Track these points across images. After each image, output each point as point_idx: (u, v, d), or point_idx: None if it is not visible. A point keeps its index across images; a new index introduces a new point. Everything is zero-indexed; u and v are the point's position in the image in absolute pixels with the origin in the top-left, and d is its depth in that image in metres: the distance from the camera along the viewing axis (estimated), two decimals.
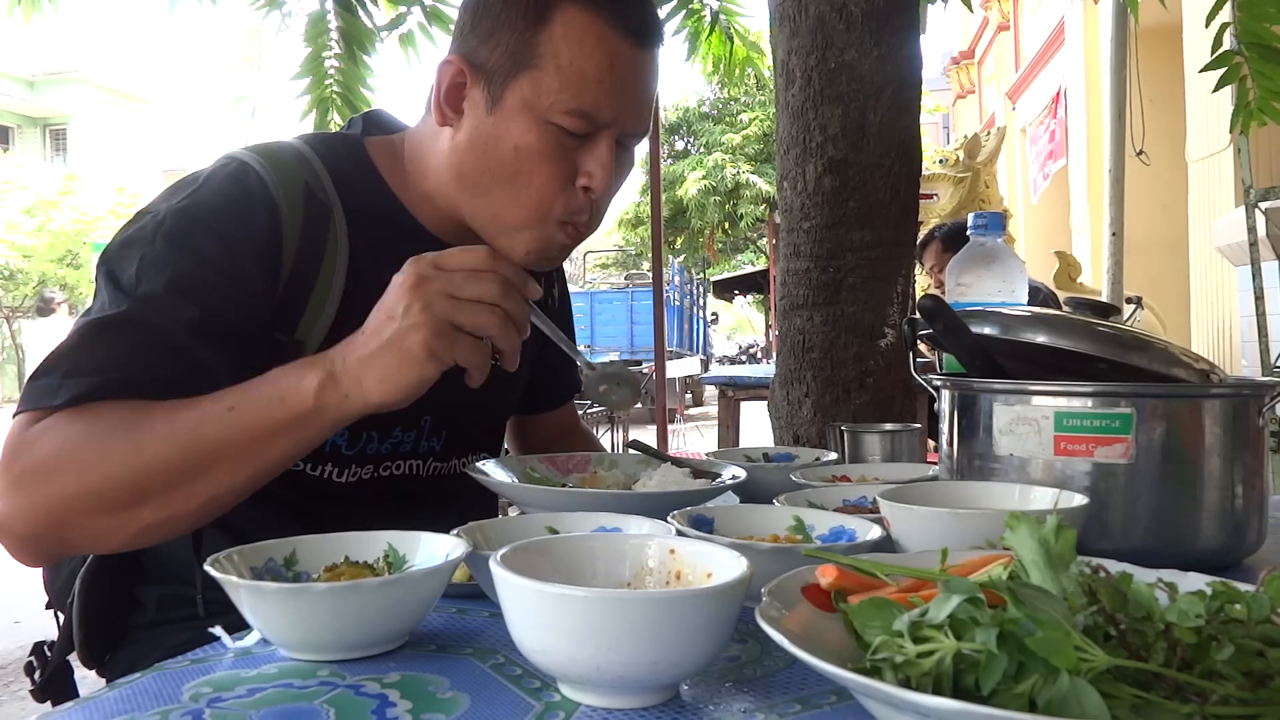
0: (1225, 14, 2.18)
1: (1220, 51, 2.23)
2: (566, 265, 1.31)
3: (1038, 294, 3.29)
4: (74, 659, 1.07)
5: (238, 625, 0.68)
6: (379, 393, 0.80)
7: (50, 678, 1.05)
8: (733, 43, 3.35)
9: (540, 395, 1.36)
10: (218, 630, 0.68)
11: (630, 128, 0.99)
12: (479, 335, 0.81)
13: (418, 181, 1.06)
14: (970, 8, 2.89)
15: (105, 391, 0.84)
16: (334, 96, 2.84)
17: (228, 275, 0.92)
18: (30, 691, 1.06)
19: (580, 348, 1.01)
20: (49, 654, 1.06)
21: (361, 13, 2.80)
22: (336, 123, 2.87)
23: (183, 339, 0.88)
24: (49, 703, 1.05)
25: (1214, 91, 2.35)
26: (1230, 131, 2.45)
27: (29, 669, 1.06)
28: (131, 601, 1.06)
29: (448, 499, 1.15)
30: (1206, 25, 2.20)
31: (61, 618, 1.07)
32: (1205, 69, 2.28)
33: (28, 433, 0.83)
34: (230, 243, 0.93)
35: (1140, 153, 4.41)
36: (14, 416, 0.85)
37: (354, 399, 0.81)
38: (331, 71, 2.81)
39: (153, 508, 0.82)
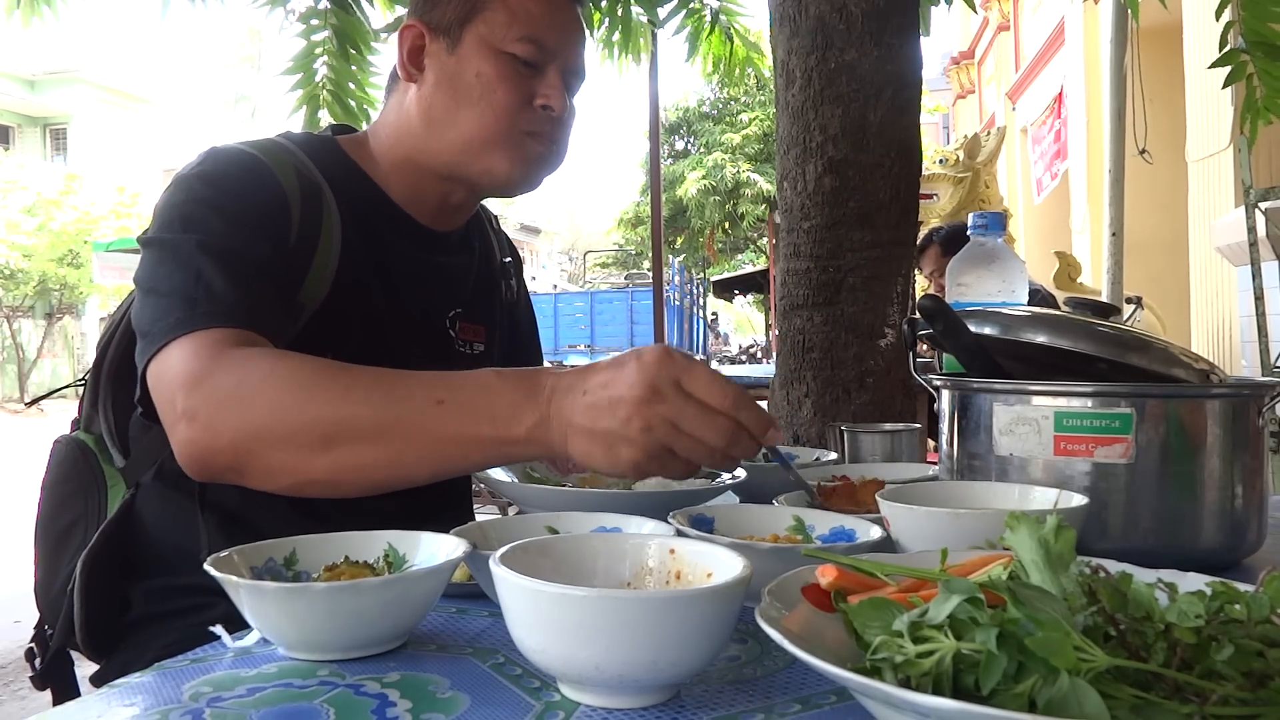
0: (1229, 13, 2.18)
1: (1226, 49, 2.23)
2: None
3: (1035, 295, 3.29)
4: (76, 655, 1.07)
5: (231, 614, 0.68)
6: (582, 460, 0.80)
7: (50, 666, 1.06)
8: (733, 42, 3.35)
9: None
10: (218, 629, 0.68)
11: (571, 63, 1.12)
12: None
13: (388, 153, 1.14)
14: (974, 8, 2.89)
15: (245, 314, 0.89)
16: (325, 95, 2.83)
17: (261, 228, 0.98)
18: (30, 678, 1.07)
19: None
20: (50, 643, 1.07)
21: (358, 12, 2.79)
22: (327, 121, 2.86)
23: (263, 263, 0.95)
24: (48, 690, 1.06)
25: (1223, 88, 2.35)
26: (1240, 130, 2.45)
27: (29, 655, 1.07)
28: (123, 602, 1.07)
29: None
30: (1217, 19, 2.20)
31: (51, 632, 1.08)
32: (1213, 66, 2.28)
33: (200, 358, 0.85)
34: (256, 203, 0.99)
35: (1143, 151, 4.41)
36: (163, 348, 0.87)
37: (558, 452, 0.81)
38: (323, 69, 2.80)
39: (331, 459, 0.82)
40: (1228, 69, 2.33)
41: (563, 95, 1.10)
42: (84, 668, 1.08)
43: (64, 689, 1.08)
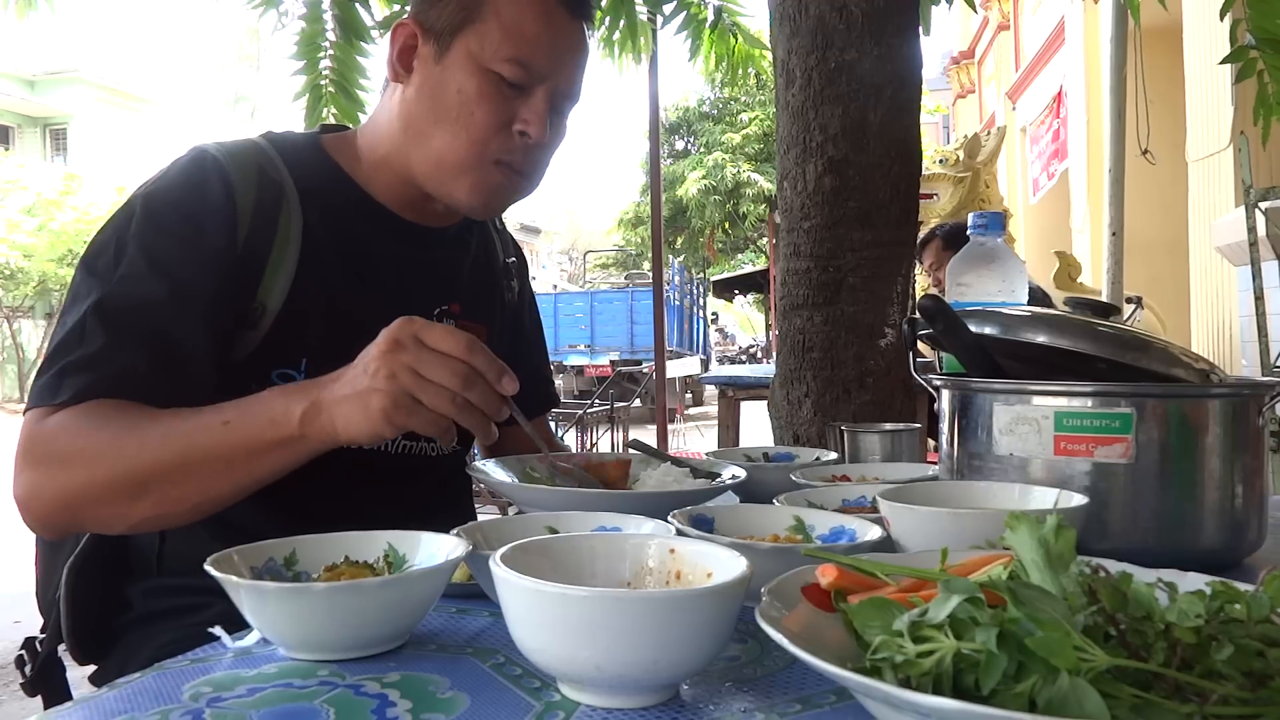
0: (1234, 11, 2.18)
1: (1236, 46, 2.23)
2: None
3: (1031, 295, 3.28)
4: (67, 657, 1.07)
5: (228, 613, 0.68)
6: (345, 434, 0.88)
7: (40, 672, 1.07)
8: (737, 39, 3.35)
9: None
10: (218, 630, 0.68)
11: (563, 87, 1.09)
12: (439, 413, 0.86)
13: (371, 152, 1.14)
14: (974, 8, 2.89)
15: (100, 387, 0.92)
16: (329, 86, 2.82)
17: (192, 244, 1.00)
18: (21, 685, 1.07)
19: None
20: (40, 649, 1.07)
21: (359, 7, 2.79)
22: (334, 115, 2.86)
23: (159, 318, 0.96)
24: (39, 697, 1.06)
25: (1234, 84, 2.35)
26: (1253, 124, 2.45)
27: (19, 663, 1.07)
28: (121, 603, 1.07)
29: (418, 477, 1.18)
30: (1221, 19, 2.20)
31: (42, 638, 1.09)
32: (1223, 62, 2.28)
33: (41, 425, 0.92)
34: (192, 215, 1.02)
35: (1145, 151, 4.40)
36: (25, 413, 0.95)
37: (328, 432, 0.89)
38: (327, 60, 2.80)
39: (148, 503, 0.91)
40: (1230, 67, 2.33)
41: (543, 122, 1.07)
42: (82, 669, 1.08)
43: (56, 694, 1.08)
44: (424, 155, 1.08)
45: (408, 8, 3.09)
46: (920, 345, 1.17)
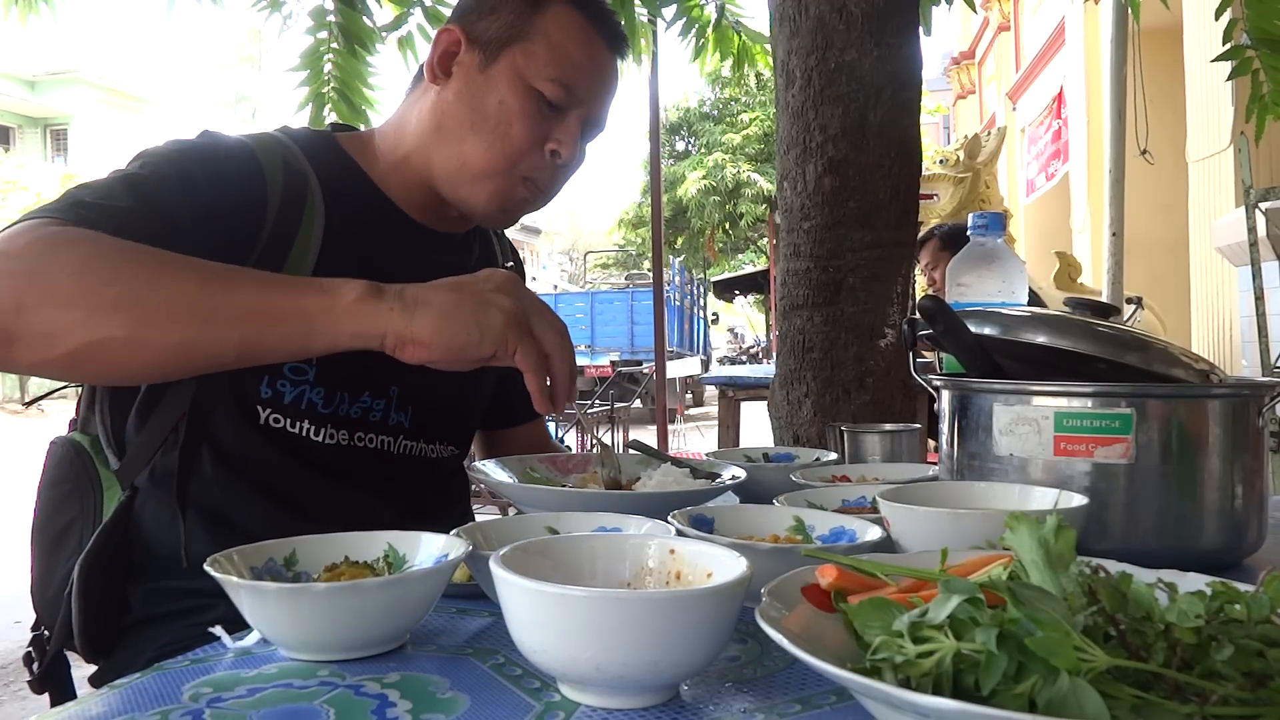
0: (1231, 11, 2.18)
1: (1231, 45, 2.23)
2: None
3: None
4: (72, 655, 1.07)
5: (229, 615, 0.68)
6: (427, 332, 0.81)
7: (48, 670, 1.07)
8: (740, 37, 3.34)
9: (509, 408, 1.38)
10: (218, 630, 0.68)
11: (594, 115, 1.13)
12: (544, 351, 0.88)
13: (392, 152, 1.14)
14: (975, 8, 2.89)
15: (111, 226, 0.85)
16: (331, 93, 2.83)
17: (215, 210, 0.96)
18: (28, 682, 1.07)
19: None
20: (48, 647, 1.07)
21: (363, 11, 2.79)
22: (334, 120, 2.86)
23: (177, 216, 0.93)
24: (46, 695, 1.06)
25: (1229, 79, 2.35)
26: (1246, 122, 2.45)
27: (28, 660, 1.07)
28: (122, 604, 1.07)
29: (419, 479, 1.18)
30: (1216, 19, 2.20)
31: (48, 635, 1.08)
32: (1217, 59, 2.28)
33: (26, 223, 0.83)
34: (228, 188, 0.99)
35: (1145, 152, 4.40)
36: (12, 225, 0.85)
37: (396, 319, 0.81)
38: (330, 68, 2.80)
39: (122, 321, 0.78)
40: (1230, 66, 2.33)
41: (575, 144, 1.10)
42: (82, 669, 1.08)
43: (61, 692, 1.08)
44: (449, 157, 1.09)
45: (415, 10, 3.07)
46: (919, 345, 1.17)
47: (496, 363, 0.87)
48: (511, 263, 1.37)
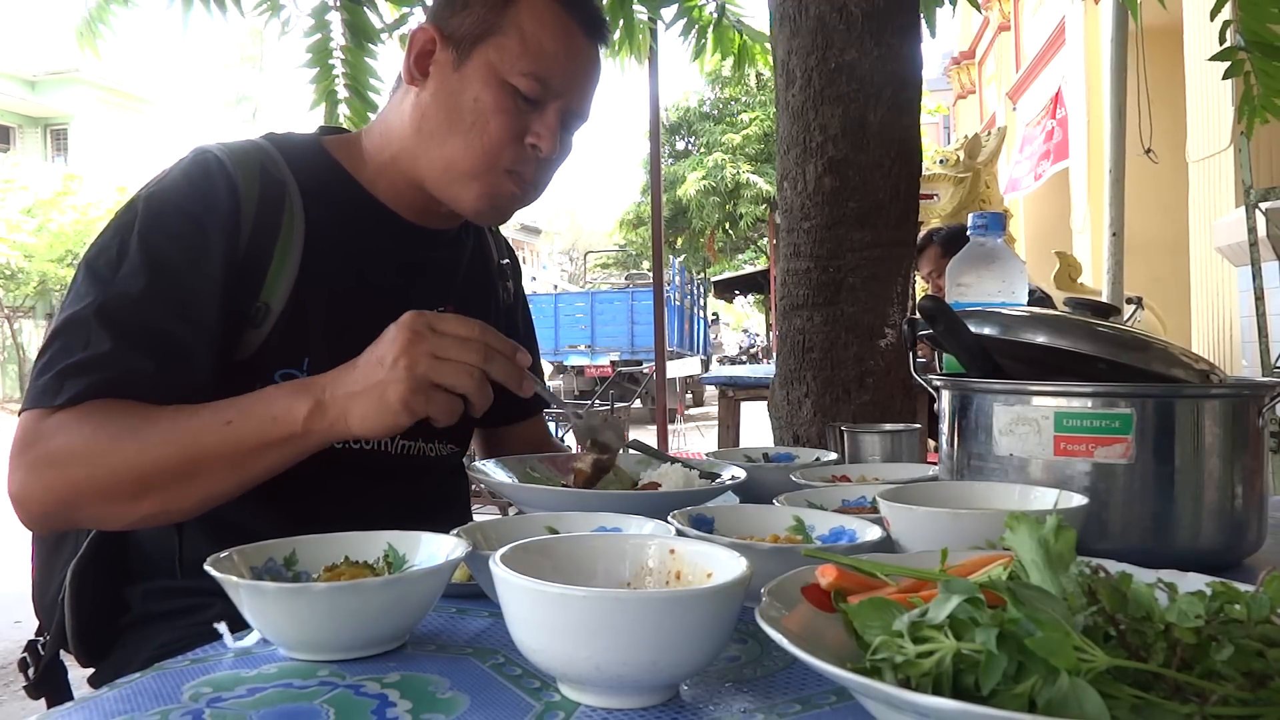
0: (1227, 12, 2.18)
1: (1225, 46, 2.23)
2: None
3: (1030, 295, 3.27)
4: (69, 659, 1.07)
5: (227, 615, 0.68)
6: (359, 428, 0.90)
7: (44, 674, 1.07)
8: (741, 36, 3.34)
9: (507, 405, 1.37)
10: (220, 627, 0.68)
11: (575, 105, 1.11)
12: (456, 393, 0.90)
13: (378, 153, 1.15)
14: (979, 8, 2.89)
15: (101, 389, 0.92)
16: (342, 91, 2.82)
17: (194, 245, 1.01)
18: (24, 688, 1.07)
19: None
20: (43, 651, 1.07)
21: (368, 10, 2.79)
22: (346, 116, 2.86)
23: (161, 318, 0.97)
24: (43, 700, 1.06)
25: (1223, 79, 2.35)
26: (1237, 123, 2.45)
27: (23, 665, 1.07)
28: (120, 605, 1.07)
29: (418, 477, 1.18)
30: (1212, 19, 2.20)
31: (44, 641, 1.09)
32: (1212, 59, 2.28)
33: (39, 426, 0.92)
34: (195, 217, 1.02)
35: (1149, 151, 4.40)
36: (20, 414, 0.95)
37: (338, 428, 0.91)
38: (337, 65, 2.80)
39: (151, 501, 0.92)
40: (1227, 64, 2.33)
41: (554, 137, 1.09)
42: (79, 672, 1.08)
43: (58, 696, 1.08)
44: (434, 159, 1.09)
45: (416, 9, 3.07)
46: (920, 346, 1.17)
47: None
48: (507, 259, 1.37)
